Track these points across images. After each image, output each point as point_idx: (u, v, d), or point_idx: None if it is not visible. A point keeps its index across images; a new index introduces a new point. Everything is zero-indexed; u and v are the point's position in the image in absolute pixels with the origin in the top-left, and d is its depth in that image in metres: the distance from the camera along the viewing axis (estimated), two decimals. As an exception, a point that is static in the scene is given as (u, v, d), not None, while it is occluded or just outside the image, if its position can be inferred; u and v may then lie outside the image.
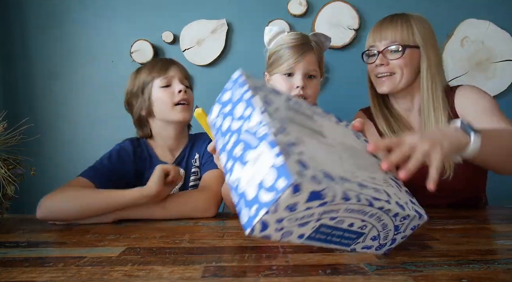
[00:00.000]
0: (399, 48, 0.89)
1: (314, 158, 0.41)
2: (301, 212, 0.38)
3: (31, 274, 0.49)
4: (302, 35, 0.96)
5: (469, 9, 1.62)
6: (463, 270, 0.46)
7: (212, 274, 0.47)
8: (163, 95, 0.99)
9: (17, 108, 1.69)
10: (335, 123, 0.56)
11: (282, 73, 0.94)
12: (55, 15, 1.69)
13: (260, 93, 0.46)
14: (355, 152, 0.51)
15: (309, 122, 0.49)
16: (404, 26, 0.90)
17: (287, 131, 0.42)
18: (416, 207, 0.50)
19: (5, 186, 0.74)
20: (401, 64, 0.90)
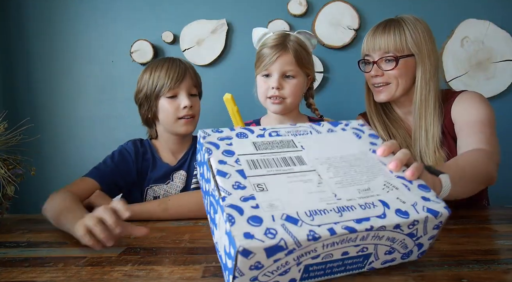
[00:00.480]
0: (393, 59, 0.89)
1: (275, 204, 0.41)
2: (272, 266, 0.39)
3: (31, 274, 0.49)
4: (280, 36, 0.95)
5: (469, 9, 1.62)
6: (463, 270, 0.46)
7: (212, 274, 0.47)
8: (168, 107, 0.98)
9: (17, 108, 1.69)
10: (327, 133, 0.56)
11: (260, 74, 0.95)
12: (55, 15, 1.69)
13: (217, 152, 0.48)
14: (348, 160, 0.50)
15: (283, 153, 0.50)
16: (397, 34, 0.89)
17: (243, 184, 0.43)
18: (430, 205, 0.45)
19: (5, 186, 0.74)
20: (396, 74, 0.90)
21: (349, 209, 0.42)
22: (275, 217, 0.40)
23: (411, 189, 0.47)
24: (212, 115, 1.68)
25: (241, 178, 0.44)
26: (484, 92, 1.65)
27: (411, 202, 0.45)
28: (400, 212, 0.43)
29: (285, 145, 0.52)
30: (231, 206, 0.40)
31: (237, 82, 1.67)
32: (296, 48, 0.93)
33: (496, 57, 1.60)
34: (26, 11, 1.70)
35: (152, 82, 0.98)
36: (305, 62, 0.95)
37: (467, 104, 0.89)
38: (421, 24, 0.91)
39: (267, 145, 0.51)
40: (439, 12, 1.62)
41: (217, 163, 0.46)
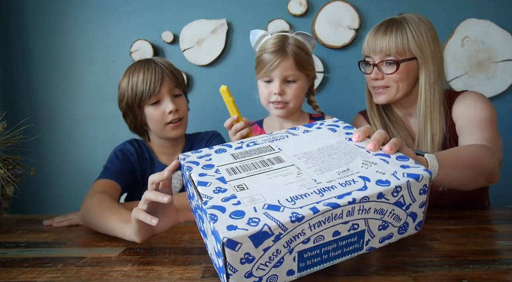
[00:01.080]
0: (394, 62, 0.87)
1: (256, 197, 0.43)
2: (263, 257, 0.38)
3: (31, 274, 0.49)
4: (279, 40, 0.93)
5: (469, 9, 1.62)
6: (463, 270, 0.46)
7: (212, 274, 0.47)
8: (154, 114, 0.94)
9: (17, 108, 1.69)
10: (302, 134, 0.59)
11: (262, 80, 0.95)
12: (55, 15, 1.69)
13: (196, 168, 0.51)
14: (325, 151, 0.52)
15: (261, 157, 0.52)
16: (399, 36, 0.86)
17: (224, 188, 0.45)
18: (409, 170, 0.46)
19: (5, 186, 0.74)
20: (396, 78, 0.88)
21: (329, 189, 0.43)
22: (257, 208, 0.40)
23: (389, 162, 0.48)
24: (212, 115, 1.68)
25: (221, 183, 0.46)
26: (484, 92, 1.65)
27: (391, 172, 0.46)
28: (381, 181, 0.44)
29: (263, 151, 0.54)
30: (213, 207, 0.41)
31: (237, 82, 1.66)
32: (296, 51, 0.92)
33: (496, 57, 1.60)
34: (26, 11, 1.70)
35: (131, 91, 0.94)
36: (305, 64, 0.95)
37: (468, 103, 0.89)
38: (424, 24, 0.88)
39: (245, 154, 0.53)
40: (439, 12, 1.62)
41: (198, 176, 0.48)
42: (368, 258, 0.51)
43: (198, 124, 1.20)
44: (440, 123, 0.89)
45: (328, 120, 0.62)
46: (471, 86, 1.59)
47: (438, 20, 1.63)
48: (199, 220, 0.50)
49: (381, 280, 0.44)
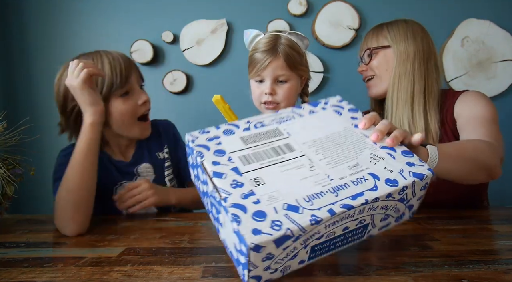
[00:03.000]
0: (369, 52, 0.97)
1: (275, 195, 0.43)
2: (282, 254, 0.41)
3: (31, 274, 0.49)
4: (271, 39, 0.92)
5: (469, 9, 1.62)
6: (463, 270, 0.46)
7: (212, 274, 0.47)
8: (123, 108, 0.84)
9: (17, 108, 1.69)
10: (309, 115, 0.57)
11: (253, 79, 0.95)
12: (55, 15, 1.69)
13: (208, 154, 0.48)
14: (333, 139, 0.52)
15: (272, 143, 0.51)
16: (375, 33, 0.97)
17: (240, 181, 0.45)
18: (415, 169, 0.48)
19: (5, 186, 0.74)
20: (376, 65, 0.96)
21: (343, 188, 0.45)
22: (277, 209, 0.41)
23: (396, 157, 0.50)
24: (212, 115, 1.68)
25: (237, 175, 0.45)
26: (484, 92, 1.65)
27: (398, 169, 0.48)
28: (389, 181, 0.46)
29: (272, 135, 0.52)
30: (234, 205, 0.41)
31: (237, 82, 1.67)
32: (287, 51, 0.92)
33: (496, 57, 1.60)
34: (26, 11, 1.70)
35: (95, 83, 0.80)
36: (297, 64, 0.94)
37: (470, 102, 0.90)
38: (406, 23, 0.95)
39: (254, 138, 0.52)
40: (439, 12, 1.62)
41: (211, 165, 0.47)
42: (368, 258, 0.51)
43: (198, 124, 1.20)
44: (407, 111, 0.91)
45: (332, 100, 0.61)
46: (471, 86, 1.59)
47: (438, 20, 1.64)
48: (211, 206, 0.49)
49: (381, 280, 0.44)
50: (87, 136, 0.75)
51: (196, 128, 0.53)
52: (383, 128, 0.52)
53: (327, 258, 0.52)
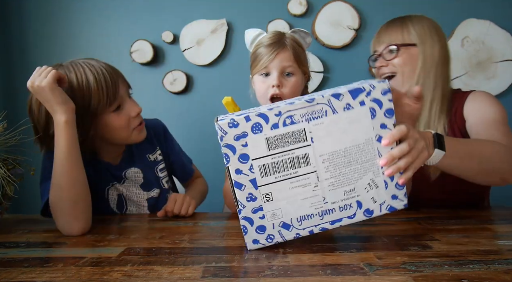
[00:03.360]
0: (394, 48, 0.92)
1: (277, 212, 0.56)
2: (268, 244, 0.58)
3: (31, 274, 0.49)
4: (276, 34, 0.94)
5: (469, 9, 1.62)
6: (463, 270, 0.46)
7: (212, 274, 0.47)
8: (117, 122, 0.82)
9: (17, 108, 1.68)
10: (343, 112, 0.54)
11: (259, 73, 0.93)
12: (55, 15, 1.69)
13: (233, 159, 0.54)
14: (349, 154, 0.55)
15: (292, 152, 0.54)
16: (399, 27, 0.93)
17: (255, 195, 0.55)
18: (394, 203, 0.57)
19: (5, 186, 0.74)
20: (400, 63, 0.91)
21: (330, 212, 0.56)
22: (274, 225, 0.56)
23: (388, 187, 0.56)
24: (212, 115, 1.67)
25: (253, 189, 0.54)
26: (484, 92, 1.64)
27: (381, 201, 0.56)
28: (368, 211, 0.56)
29: (296, 139, 0.54)
30: (245, 218, 0.55)
31: (237, 82, 1.66)
32: (294, 45, 0.93)
33: (496, 57, 1.60)
34: (26, 11, 1.70)
35: (82, 101, 0.76)
36: (302, 59, 0.95)
37: (481, 103, 0.89)
38: (427, 19, 0.94)
39: (279, 142, 0.54)
40: (439, 12, 1.62)
41: (235, 173, 0.54)
42: (368, 258, 0.51)
43: (198, 124, 1.20)
44: (439, 112, 0.89)
45: (378, 88, 0.55)
46: (471, 86, 1.59)
47: (438, 20, 1.62)
48: None
49: (381, 280, 0.44)
50: (65, 134, 0.71)
51: (196, 128, 0.53)
52: (397, 135, 0.54)
53: (327, 258, 0.52)
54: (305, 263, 0.50)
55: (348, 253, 0.54)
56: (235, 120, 0.53)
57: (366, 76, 1.67)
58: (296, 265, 0.49)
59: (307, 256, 0.53)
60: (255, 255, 0.54)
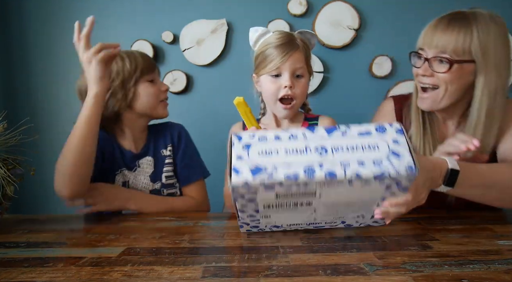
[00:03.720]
0: (447, 61, 0.77)
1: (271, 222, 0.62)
2: None
3: (31, 274, 0.49)
4: (287, 34, 0.93)
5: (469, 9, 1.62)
6: (463, 270, 0.46)
7: (212, 274, 0.47)
8: (150, 90, 0.98)
9: (17, 108, 1.69)
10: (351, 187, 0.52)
11: (269, 74, 0.92)
12: (55, 15, 1.69)
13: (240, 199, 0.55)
14: (351, 205, 0.58)
15: (298, 200, 0.55)
16: (461, 34, 0.76)
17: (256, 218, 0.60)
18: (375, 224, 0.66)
19: (5, 186, 0.74)
20: (446, 79, 0.78)
21: (316, 224, 0.63)
22: (267, 227, 0.64)
23: (372, 218, 0.62)
24: (212, 115, 1.68)
25: (254, 212, 0.58)
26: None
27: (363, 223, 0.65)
28: (347, 225, 0.65)
29: (305, 195, 0.54)
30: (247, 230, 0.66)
31: (237, 82, 1.66)
32: (304, 45, 0.93)
33: (496, 57, 1.60)
34: (26, 11, 1.70)
35: (130, 66, 0.95)
36: (310, 60, 0.96)
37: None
38: (495, 24, 0.79)
39: (288, 196, 0.54)
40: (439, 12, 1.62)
41: (240, 206, 0.57)
42: (368, 258, 0.51)
43: (198, 123, 1.20)
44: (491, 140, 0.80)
45: (405, 176, 0.51)
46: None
47: (438, 20, 1.63)
48: None
49: (381, 280, 0.44)
50: (90, 106, 0.82)
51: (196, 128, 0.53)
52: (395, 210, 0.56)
53: (327, 258, 0.52)
54: (305, 263, 0.50)
55: (348, 253, 0.54)
56: (249, 185, 0.51)
57: (366, 76, 1.67)
58: (296, 265, 0.49)
59: (307, 256, 0.53)
60: (255, 255, 0.54)
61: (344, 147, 0.53)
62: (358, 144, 0.53)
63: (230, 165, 0.53)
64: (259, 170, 0.51)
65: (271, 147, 0.53)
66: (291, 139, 0.54)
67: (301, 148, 0.53)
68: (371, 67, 1.65)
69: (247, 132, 0.56)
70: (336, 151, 0.52)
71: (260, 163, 0.52)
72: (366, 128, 0.55)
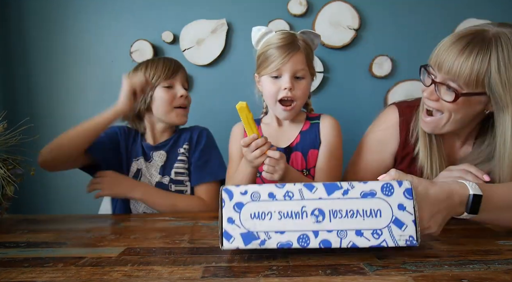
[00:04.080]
0: (454, 91, 0.71)
1: None
2: None
3: (31, 274, 0.49)
4: (289, 35, 0.92)
5: (469, 9, 1.62)
6: (463, 270, 0.46)
7: (212, 274, 0.47)
8: (164, 96, 1.05)
9: (17, 108, 1.69)
10: None
11: (269, 75, 0.92)
12: (55, 15, 1.69)
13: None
14: None
15: None
16: (477, 63, 0.67)
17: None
18: None
19: (5, 186, 0.74)
20: (451, 108, 0.74)
21: None
22: None
23: None
24: (211, 115, 1.68)
25: None
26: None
27: None
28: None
29: None
30: None
31: (237, 82, 1.67)
32: (305, 47, 0.92)
33: (496, 57, 1.60)
34: (26, 11, 1.70)
35: (149, 74, 1.05)
36: (312, 61, 0.94)
37: None
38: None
39: None
40: (439, 12, 1.62)
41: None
42: (368, 258, 0.51)
43: (198, 123, 1.20)
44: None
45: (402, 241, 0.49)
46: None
47: (438, 20, 1.63)
48: None
49: (381, 280, 0.44)
50: (106, 116, 0.97)
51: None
52: None
53: (327, 258, 0.52)
54: (305, 263, 0.50)
55: (348, 253, 0.54)
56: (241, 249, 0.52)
57: (366, 76, 1.67)
58: (296, 265, 0.49)
59: (307, 256, 0.53)
60: (255, 255, 0.54)
61: (343, 212, 0.49)
62: (359, 209, 0.49)
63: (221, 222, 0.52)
64: (251, 236, 0.50)
65: (264, 209, 0.50)
66: (286, 198, 0.50)
67: (296, 210, 0.49)
68: (371, 67, 1.65)
69: (238, 187, 0.52)
70: (334, 217, 0.49)
71: (252, 228, 0.50)
72: (371, 187, 0.49)
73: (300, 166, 0.97)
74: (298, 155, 0.98)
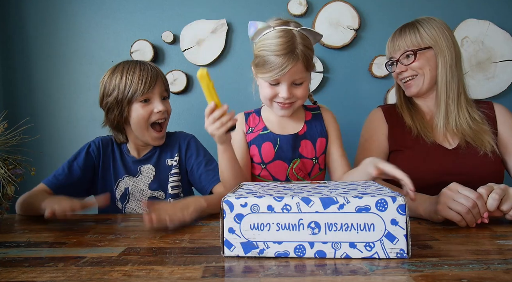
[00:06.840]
0: (411, 53, 0.99)
1: None
2: None
3: (31, 274, 0.49)
4: (287, 40, 0.85)
5: (469, 9, 1.62)
6: (463, 270, 0.46)
7: (212, 274, 0.47)
8: (140, 112, 0.97)
9: (17, 108, 1.69)
10: None
11: (267, 81, 0.90)
12: (55, 16, 1.69)
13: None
14: None
15: None
16: (412, 32, 0.99)
17: None
18: None
19: (5, 186, 0.74)
20: (418, 66, 0.99)
21: None
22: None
23: None
24: (212, 115, 1.67)
25: None
26: (484, 92, 1.65)
27: None
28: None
29: None
30: None
31: (237, 82, 1.67)
32: (305, 52, 0.87)
33: (496, 57, 1.61)
34: (26, 11, 1.70)
35: (124, 87, 0.95)
36: (311, 63, 0.91)
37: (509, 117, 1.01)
38: (435, 21, 1.00)
39: None
40: (439, 12, 1.62)
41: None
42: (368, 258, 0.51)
43: (198, 123, 1.20)
44: (456, 106, 0.98)
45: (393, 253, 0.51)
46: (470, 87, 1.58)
47: (438, 20, 1.63)
48: None
49: (381, 280, 0.44)
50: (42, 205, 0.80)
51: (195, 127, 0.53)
52: None
53: (327, 258, 0.52)
54: (305, 263, 0.50)
55: (348, 253, 0.54)
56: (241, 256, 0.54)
57: (366, 76, 1.67)
58: (296, 265, 0.49)
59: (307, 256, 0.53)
60: (255, 255, 0.54)
61: (338, 225, 0.51)
62: (353, 222, 0.51)
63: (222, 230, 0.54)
64: (251, 246, 0.53)
65: (263, 220, 0.52)
66: (284, 211, 0.52)
67: (293, 222, 0.52)
68: (371, 67, 1.65)
69: (239, 200, 0.53)
70: (329, 229, 0.51)
71: (251, 238, 0.53)
72: (366, 202, 0.51)
73: (310, 154, 1.01)
74: (308, 143, 1.01)
